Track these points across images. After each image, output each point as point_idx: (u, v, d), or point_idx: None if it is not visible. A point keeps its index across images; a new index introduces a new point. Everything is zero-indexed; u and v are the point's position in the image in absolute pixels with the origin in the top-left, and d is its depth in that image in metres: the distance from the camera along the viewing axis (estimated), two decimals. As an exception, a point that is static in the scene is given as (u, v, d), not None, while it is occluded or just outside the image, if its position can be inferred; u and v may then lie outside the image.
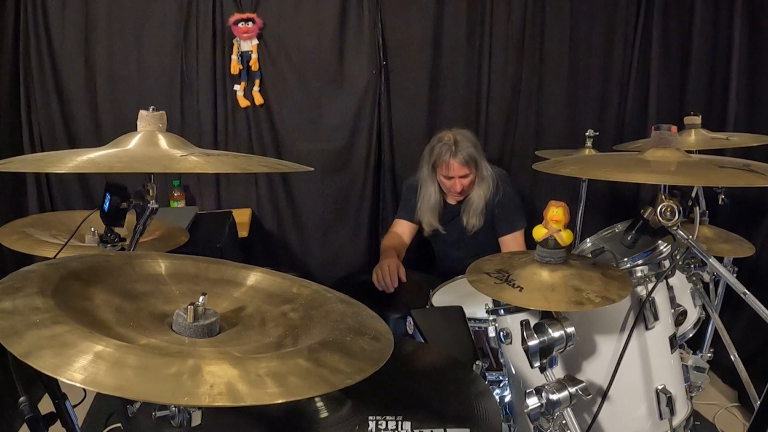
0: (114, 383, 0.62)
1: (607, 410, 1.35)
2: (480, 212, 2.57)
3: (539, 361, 1.21)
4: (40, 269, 0.85)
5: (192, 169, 1.09)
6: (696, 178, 1.30)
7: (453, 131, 2.53)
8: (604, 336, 1.40)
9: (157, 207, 1.26)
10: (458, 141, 2.48)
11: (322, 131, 3.06)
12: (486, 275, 1.29)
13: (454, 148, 2.47)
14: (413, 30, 2.98)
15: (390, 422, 1.10)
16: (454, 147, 2.47)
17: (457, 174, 2.49)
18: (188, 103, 2.94)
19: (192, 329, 0.85)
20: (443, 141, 2.51)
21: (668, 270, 1.45)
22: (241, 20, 2.85)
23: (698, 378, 1.68)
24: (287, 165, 1.40)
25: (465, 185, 2.53)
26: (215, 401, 0.63)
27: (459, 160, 2.46)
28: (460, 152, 2.46)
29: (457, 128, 2.57)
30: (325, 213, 3.16)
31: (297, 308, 0.97)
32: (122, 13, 2.82)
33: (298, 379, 0.70)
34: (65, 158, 1.05)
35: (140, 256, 1.02)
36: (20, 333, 0.67)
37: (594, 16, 3.02)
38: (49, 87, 2.82)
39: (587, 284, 1.21)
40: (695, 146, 2.01)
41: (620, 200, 3.16)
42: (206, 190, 3.07)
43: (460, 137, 2.50)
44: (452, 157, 2.46)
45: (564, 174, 1.34)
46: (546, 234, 1.26)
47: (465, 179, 2.51)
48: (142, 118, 1.23)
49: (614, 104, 3.12)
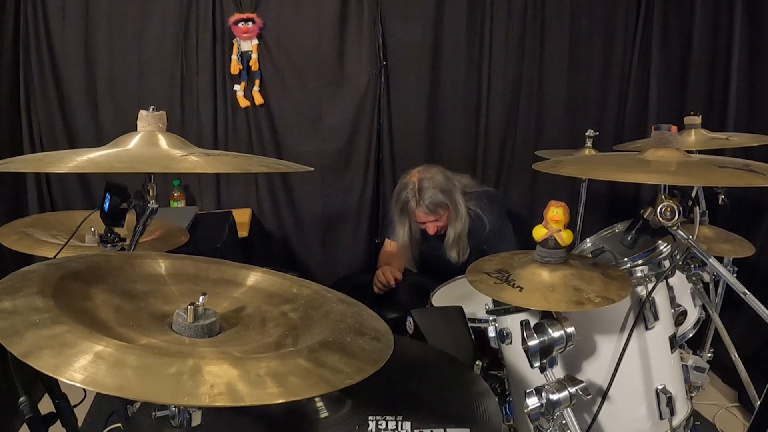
0: (114, 383, 0.62)
1: (607, 410, 1.35)
2: (463, 245, 2.47)
3: (539, 361, 1.21)
4: (40, 269, 0.85)
5: (192, 169, 1.09)
6: (696, 178, 1.30)
7: (419, 173, 2.42)
8: (604, 336, 1.40)
9: (157, 207, 1.26)
10: (422, 188, 2.36)
11: (322, 131, 3.06)
12: (486, 275, 1.29)
13: (417, 196, 2.36)
14: (413, 30, 2.99)
15: (390, 422, 1.10)
16: (418, 195, 2.36)
17: (427, 220, 2.42)
18: (188, 103, 2.94)
19: (192, 329, 0.85)
20: (407, 188, 2.40)
21: (668, 270, 1.45)
22: (241, 20, 2.85)
23: (698, 378, 1.68)
24: (287, 165, 1.40)
25: (439, 226, 2.44)
26: (215, 401, 0.63)
27: (423, 209, 2.37)
28: (423, 201, 2.35)
29: (425, 167, 2.47)
30: (325, 213, 3.16)
31: (297, 308, 0.97)
32: (122, 13, 2.82)
33: (298, 379, 0.70)
34: (65, 158, 1.05)
35: (140, 256, 1.02)
36: (20, 333, 0.67)
37: (594, 16, 3.02)
38: (49, 87, 2.82)
39: (587, 284, 1.21)
40: (695, 146, 2.01)
41: (620, 200, 3.16)
42: (206, 190, 3.07)
43: (426, 182, 2.37)
44: (416, 206, 2.37)
45: (564, 174, 1.34)
46: (546, 234, 1.25)
47: (437, 222, 2.43)
48: (142, 118, 1.23)
49: (614, 104, 3.12)
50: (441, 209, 2.40)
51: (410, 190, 2.39)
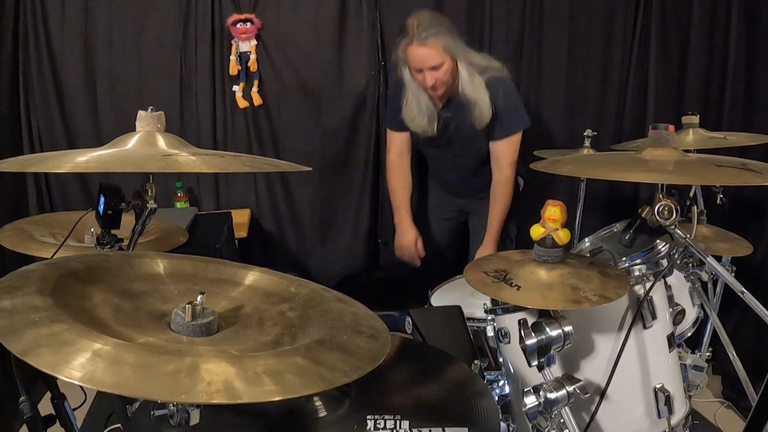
0: (112, 381, 0.62)
1: (605, 409, 1.35)
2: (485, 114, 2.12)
3: (537, 359, 1.21)
4: (39, 269, 0.85)
5: (182, 168, 1.09)
6: (694, 177, 1.31)
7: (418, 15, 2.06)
8: (602, 335, 1.41)
9: (155, 207, 1.27)
10: (421, 23, 2.00)
11: (321, 132, 3.06)
12: (484, 274, 1.29)
13: (416, 29, 1.98)
14: (412, 30, 2.99)
15: (388, 421, 1.10)
16: (417, 29, 1.98)
17: (425, 65, 2.03)
18: (187, 104, 2.94)
19: (190, 328, 0.85)
20: (405, 27, 2.04)
21: (666, 269, 1.46)
22: (240, 21, 2.85)
23: (697, 377, 1.68)
24: (276, 164, 1.42)
25: (438, 78, 2.05)
26: (213, 399, 0.63)
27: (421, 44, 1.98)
28: (422, 34, 1.97)
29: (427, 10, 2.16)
30: (324, 214, 3.16)
31: (295, 307, 0.97)
32: (121, 13, 2.82)
33: (295, 377, 0.70)
34: (63, 158, 1.06)
35: (139, 256, 1.02)
36: (19, 331, 0.67)
37: (592, 16, 3.02)
38: (49, 87, 2.82)
39: (585, 283, 1.21)
40: (693, 145, 2.02)
41: (619, 200, 3.16)
42: (205, 190, 3.07)
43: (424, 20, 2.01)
44: (413, 42, 1.99)
45: (562, 173, 1.35)
46: (543, 233, 1.26)
47: (436, 71, 2.04)
48: (141, 119, 1.24)
49: (612, 104, 3.12)
50: (445, 52, 2.04)
51: (408, 26, 2.04)
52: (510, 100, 2.22)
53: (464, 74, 2.12)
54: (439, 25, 2.06)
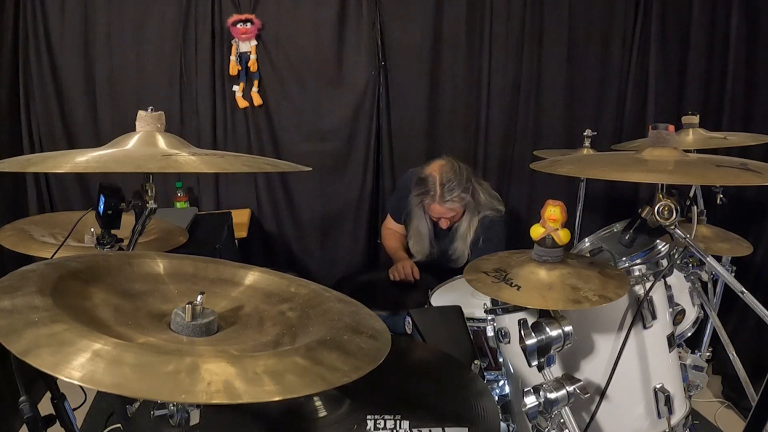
0: (112, 381, 0.62)
1: (605, 409, 1.35)
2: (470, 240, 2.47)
3: (537, 359, 1.21)
4: (39, 269, 0.85)
5: (182, 168, 1.08)
6: (694, 177, 1.30)
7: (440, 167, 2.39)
8: (602, 335, 1.40)
9: (155, 207, 1.26)
10: (444, 183, 2.35)
11: (321, 132, 3.06)
12: (484, 274, 1.29)
13: (440, 191, 2.35)
14: (413, 30, 2.99)
15: (388, 421, 1.11)
16: (440, 189, 2.35)
17: (444, 216, 2.42)
18: (187, 104, 2.95)
19: (190, 328, 0.85)
20: (428, 183, 2.38)
21: (666, 269, 1.46)
22: (240, 21, 2.85)
23: (697, 377, 1.68)
24: (275, 164, 1.42)
25: (454, 220, 2.45)
26: (212, 398, 0.63)
27: (442, 204, 2.36)
28: (445, 196, 2.34)
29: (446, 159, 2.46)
30: (325, 214, 3.16)
31: (295, 307, 0.97)
32: (121, 13, 2.82)
33: (295, 377, 0.70)
34: (63, 158, 1.06)
35: (139, 256, 1.02)
36: (19, 331, 0.67)
37: (592, 16, 3.03)
38: (49, 87, 2.82)
39: (585, 283, 1.21)
40: (693, 146, 2.02)
41: (619, 200, 3.16)
42: (205, 190, 3.07)
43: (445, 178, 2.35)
44: (435, 201, 2.36)
45: (561, 173, 1.34)
46: (543, 233, 1.26)
47: (453, 218, 2.44)
48: (141, 119, 1.23)
49: (612, 104, 3.13)
50: (459, 203, 2.40)
51: (431, 184, 2.37)
52: (492, 243, 2.46)
53: (466, 216, 2.48)
54: (458, 180, 2.36)
